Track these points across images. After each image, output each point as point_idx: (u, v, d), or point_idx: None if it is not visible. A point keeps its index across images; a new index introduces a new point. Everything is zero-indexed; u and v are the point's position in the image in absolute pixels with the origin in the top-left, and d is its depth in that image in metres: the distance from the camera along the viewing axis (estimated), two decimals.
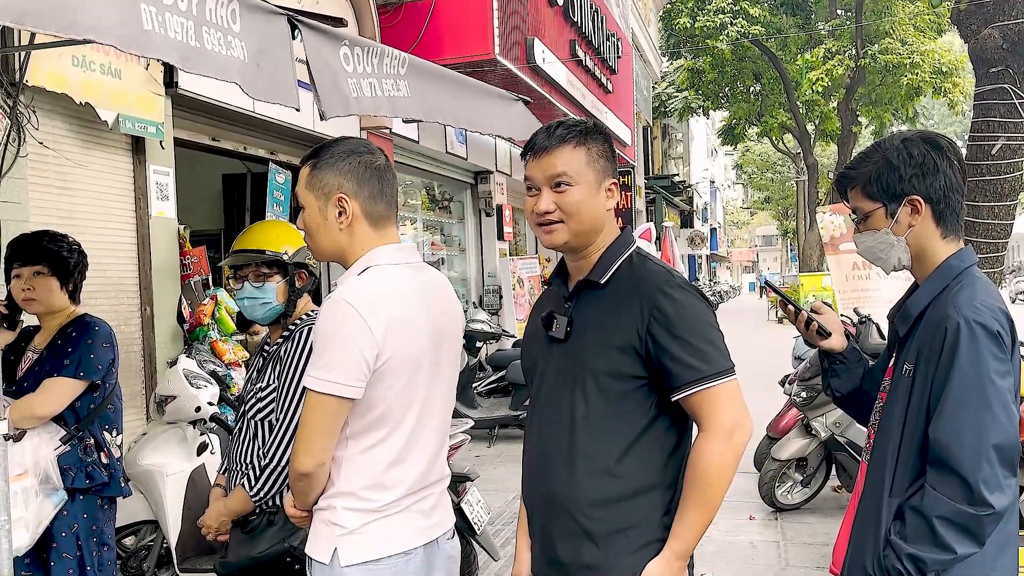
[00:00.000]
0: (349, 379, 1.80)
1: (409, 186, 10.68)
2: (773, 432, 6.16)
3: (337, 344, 1.80)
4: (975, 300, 1.71)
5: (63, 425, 2.76)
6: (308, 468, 1.84)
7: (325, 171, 1.95)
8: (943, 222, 1.83)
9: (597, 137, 1.88)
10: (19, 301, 2.80)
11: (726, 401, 1.74)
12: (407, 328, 1.90)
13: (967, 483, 1.63)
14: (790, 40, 22.82)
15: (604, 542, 1.79)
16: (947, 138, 1.88)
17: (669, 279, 1.81)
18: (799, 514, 5.69)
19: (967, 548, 1.64)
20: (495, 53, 8.14)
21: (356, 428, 1.89)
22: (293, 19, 2.19)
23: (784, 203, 45.37)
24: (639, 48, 20.38)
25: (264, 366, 2.45)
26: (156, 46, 1.75)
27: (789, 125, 25.55)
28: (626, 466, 1.79)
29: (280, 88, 2.10)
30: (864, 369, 2.06)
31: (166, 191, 5.39)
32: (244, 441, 2.42)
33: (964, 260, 1.83)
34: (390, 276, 1.93)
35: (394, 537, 1.92)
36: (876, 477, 1.84)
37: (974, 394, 1.66)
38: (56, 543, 2.71)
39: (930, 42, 21.11)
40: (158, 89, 5.17)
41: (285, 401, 2.32)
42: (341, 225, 1.94)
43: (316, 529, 1.94)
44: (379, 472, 1.90)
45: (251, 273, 2.48)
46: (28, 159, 4.32)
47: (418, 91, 2.82)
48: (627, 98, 16.08)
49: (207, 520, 2.43)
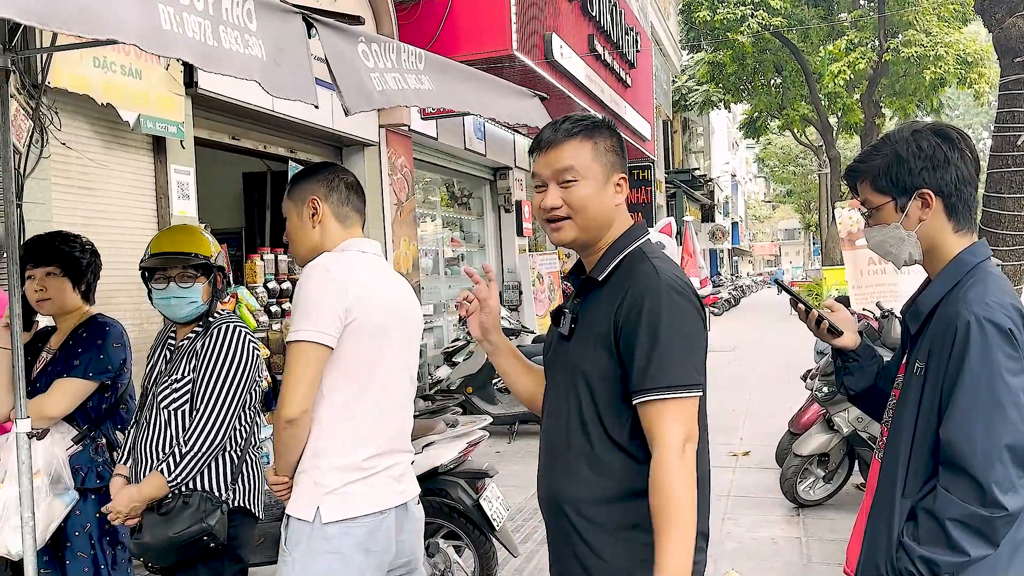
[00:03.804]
0: (325, 328, 2.05)
1: (428, 183, 10.70)
2: (795, 427, 6.11)
3: (314, 300, 2.07)
4: (987, 297, 1.67)
5: (75, 425, 2.78)
6: (294, 413, 2.04)
7: (301, 183, 2.33)
8: (955, 216, 1.79)
9: (604, 131, 1.85)
10: (32, 302, 2.82)
11: (681, 417, 1.68)
12: (373, 303, 2.15)
13: (979, 485, 1.60)
14: (812, 31, 22.57)
15: (596, 542, 1.76)
16: (958, 129, 1.83)
17: (657, 281, 1.73)
18: (821, 510, 5.65)
19: (980, 550, 1.62)
20: (513, 49, 8.12)
21: (331, 382, 2.10)
22: (308, 17, 2.20)
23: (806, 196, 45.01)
24: (658, 42, 20.26)
25: (174, 359, 2.59)
26: (176, 46, 1.76)
27: (811, 118, 25.30)
28: (613, 464, 1.76)
29: (300, 85, 2.12)
30: (879, 367, 2.04)
31: (187, 190, 5.44)
32: (154, 431, 2.54)
33: (977, 254, 1.78)
34: (362, 259, 2.25)
35: (370, 497, 2.13)
36: (888, 477, 1.81)
37: (985, 394, 1.62)
38: (70, 542, 2.74)
39: (955, 32, 20.79)
40: (178, 89, 5.22)
41: (203, 391, 2.48)
42: (314, 223, 2.28)
43: (299, 490, 2.12)
44: (358, 428, 2.13)
45: (177, 275, 2.61)
46: (51, 160, 4.38)
47: (439, 84, 2.83)
48: (646, 92, 16.00)
49: (116, 506, 2.51)
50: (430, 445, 3.88)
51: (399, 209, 8.74)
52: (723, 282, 34.42)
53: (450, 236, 11.42)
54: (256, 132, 6.56)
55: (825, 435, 5.57)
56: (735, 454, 7.36)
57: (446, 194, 11.33)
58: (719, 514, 5.60)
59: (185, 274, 2.60)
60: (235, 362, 2.52)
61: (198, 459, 2.45)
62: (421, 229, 9.90)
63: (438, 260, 10.88)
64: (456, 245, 11.54)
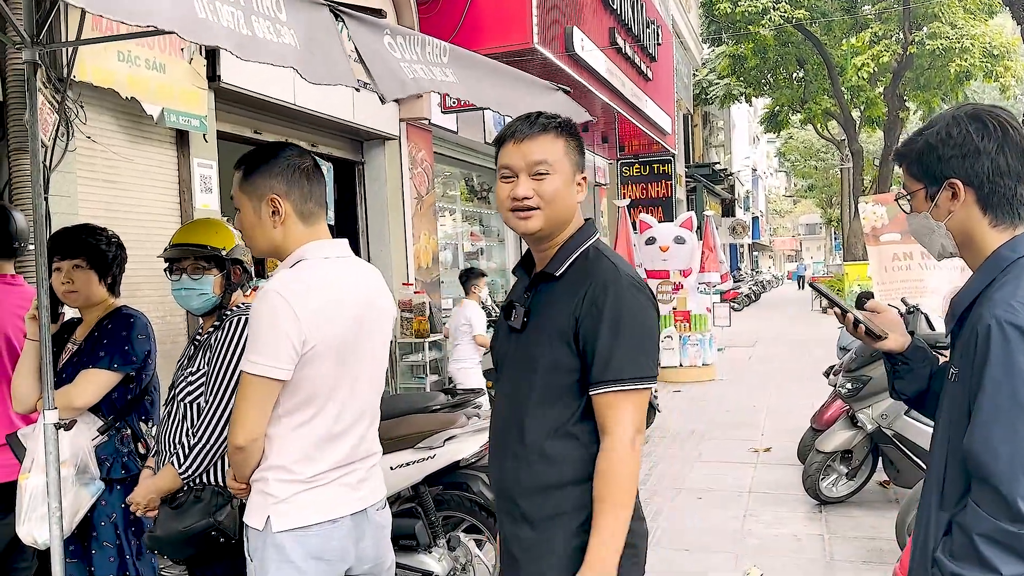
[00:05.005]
0: (278, 362, 1.98)
1: (448, 177, 10.70)
2: (817, 424, 6.06)
3: (268, 330, 1.99)
4: (1014, 298, 1.55)
5: (100, 416, 2.81)
6: (242, 442, 2.02)
7: (256, 175, 2.15)
8: (991, 209, 1.66)
9: (573, 132, 1.93)
10: (60, 294, 2.85)
11: (633, 409, 1.79)
12: (332, 316, 2.06)
13: (1004, 498, 1.49)
14: (835, 24, 22.36)
15: (540, 526, 1.85)
16: (1003, 116, 1.68)
17: (617, 276, 1.83)
18: (844, 507, 5.60)
19: (1013, 568, 1.50)
20: (534, 42, 8.10)
21: (287, 407, 2.05)
22: (335, 9, 2.20)
23: (828, 191, 44.63)
24: (679, 35, 20.15)
25: (195, 353, 2.60)
26: (213, 34, 1.79)
27: (833, 111, 25.07)
28: (557, 450, 1.84)
29: (336, 71, 2.14)
30: (931, 368, 1.92)
31: (210, 183, 5.47)
32: (173, 423, 2.55)
33: (1017, 250, 1.64)
34: (318, 269, 2.11)
35: (321, 506, 2.09)
36: (929, 487, 1.74)
37: (1007, 402, 1.51)
38: (96, 532, 2.76)
39: (981, 24, 20.52)
40: (201, 83, 5.24)
41: (214, 385, 2.47)
42: (275, 223, 2.14)
43: (252, 499, 2.12)
44: (308, 448, 2.08)
45: (189, 266, 2.62)
46: (76, 153, 4.41)
47: (463, 78, 2.82)
48: (667, 86, 15.92)
49: (136, 497, 2.53)
50: (451, 439, 3.88)
51: (419, 203, 8.75)
52: (743, 277, 34.24)
53: (469, 230, 11.42)
54: (278, 126, 6.59)
55: (848, 432, 5.52)
56: (756, 450, 7.32)
57: (465, 188, 11.33)
58: (740, 510, 5.58)
59: (197, 266, 2.62)
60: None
61: (207, 452, 2.44)
62: (440, 223, 9.91)
63: (457, 254, 10.89)
64: (475, 239, 11.55)
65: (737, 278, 30.39)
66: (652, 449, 7.51)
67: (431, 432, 3.91)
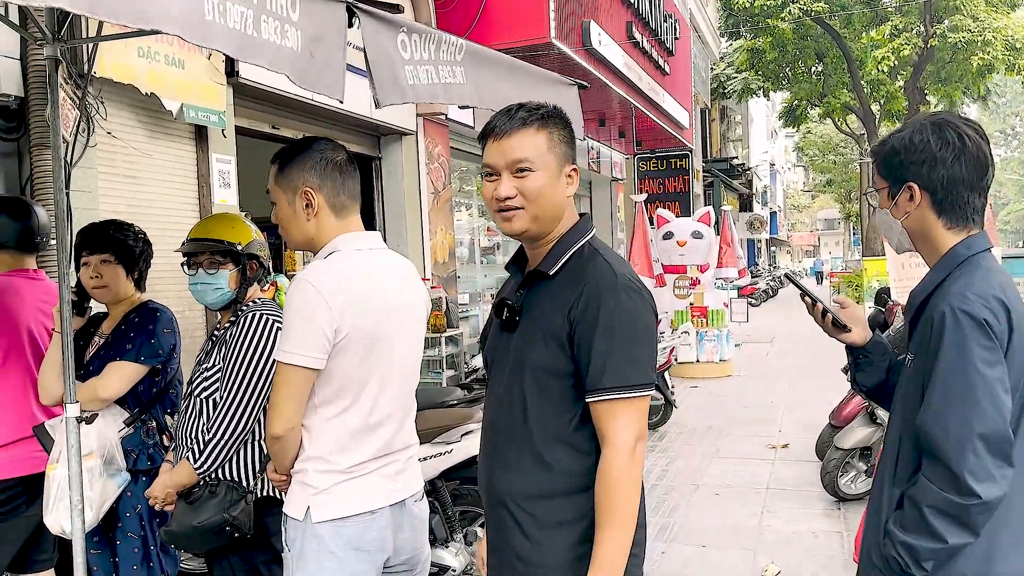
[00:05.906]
0: (312, 351, 1.99)
1: (465, 172, 10.71)
2: (836, 420, 6.02)
3: (300, 320, 2.00)
4: (968, 289, 1.69)
5: (126, 408, 2.84)
6: (279, 431, 2.03)
7: (290, 168, 2.17)
8: (944, 214, 1.80)
9: (558, 122, 1.83)
10: (88, 288, 2.89)
11: (633, 416, 1.71)
12: (365, 307, 2.07)
13: (953, 473, 1.62)
14: (854, 17, 22.14)
15: (536, 536, 1.77)
16: (965, 129, 1.79)
17: (613, 279, 1.74)
18: (863, 504, 5.55)
19: (959, 538, 1.64)
20: (551, 37, 8.08)
21: (321, 397, 2.07)
22: (352, 6, 2.20)
23: (847, 186, 44.26)
24: (697, 29, 20.03)
25: (212, 348, 2.61)
26: (216, 36, 1.79)
27: (853, 105, 24.85)
28: (557, 458, 1.76)
29: (329, 80, 2.13)
30: (890, 362, 2.04)
31: (228, 179, 5.50)
32: (190, 418, 2.57)
33: (972, 247, 1.78)
34: (351, 260, 2.13)
35: (361, 497, 2.10)
36: (882, 466, 1.86)
37: (958, 384, 1.64)
38: (121, 523, 2.80)
39: (1003, 17, 20.28)
40: (220, 79, 5.27)
41: (228, 380, 2.48)
42: (308, 216, 2.17)
43: (292, 489, 2.13)
44: (343, 438, 2.09)
45: (205, 261, 2.64)
46: (97, 149, 4.45)
47: (473, 77, 2.81)
48: (685, 80, 15.84)
49: (154, 491, 2.56)
50: (468, 434, 3.89)
51: (436, 198, 8.76)
52: (761, 272, 34.04)
53: (486, 225, 11.42)
54: (295, 121, 6.61)
55: (867, 428, 5.49)
56: (774, 446, 7.28)
57: (482, 183, 11.33)
58: (757, 506, 5.56)
59: (212, 260, 2.63)
60: (260, 350, 2.48)
61: (222, 447, 2.45)
62: (457, 218, 9.91)
63: (474, 249, 10.90)
64: (492, 234, 11.54)
65: (755, 273, 30.21)
66: (669, 444, 7.50)
67: (448, 427, 3.92)
